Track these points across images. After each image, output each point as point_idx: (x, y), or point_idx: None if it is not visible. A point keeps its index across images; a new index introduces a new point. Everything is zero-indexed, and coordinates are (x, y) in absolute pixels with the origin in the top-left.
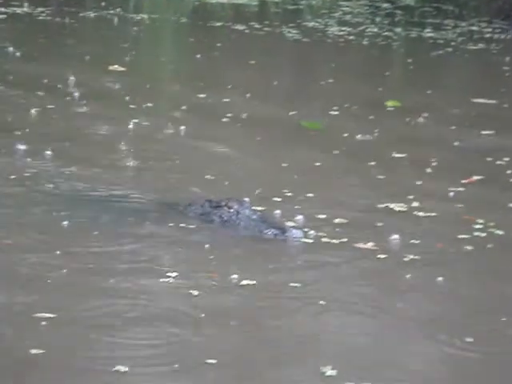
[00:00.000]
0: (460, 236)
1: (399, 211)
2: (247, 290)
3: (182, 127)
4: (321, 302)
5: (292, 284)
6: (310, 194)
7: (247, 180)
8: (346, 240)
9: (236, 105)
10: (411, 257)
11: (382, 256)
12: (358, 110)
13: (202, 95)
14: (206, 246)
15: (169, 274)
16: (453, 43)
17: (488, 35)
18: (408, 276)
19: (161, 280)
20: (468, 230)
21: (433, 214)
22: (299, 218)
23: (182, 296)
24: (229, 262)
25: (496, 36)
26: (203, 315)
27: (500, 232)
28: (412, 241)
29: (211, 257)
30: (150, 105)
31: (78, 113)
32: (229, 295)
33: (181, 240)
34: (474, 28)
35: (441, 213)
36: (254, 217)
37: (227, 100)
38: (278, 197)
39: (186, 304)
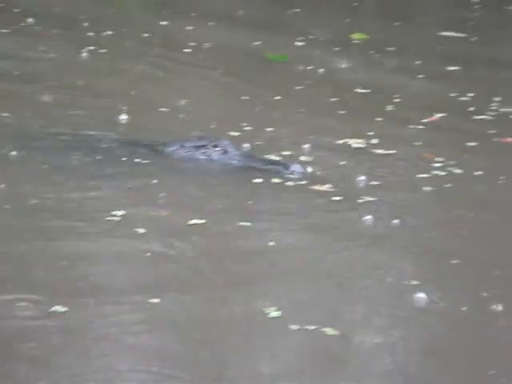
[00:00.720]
0: (419, 175)
1: (358, 148)
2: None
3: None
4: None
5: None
6: (270, 129)
7: (204, 114)
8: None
9: (199, 34)
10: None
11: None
12: (323, 41)
13: (164, 22)
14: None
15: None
16: None
17: None
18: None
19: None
20: (427, 169)
21: (392, 152)
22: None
23: None
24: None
25: None
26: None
27: (458, 171)
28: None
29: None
30: (109, 32)
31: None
32: None
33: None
34: None
35: (401, 151)
36: (243, 155)
37: (190, 28)
38: (236, 131)
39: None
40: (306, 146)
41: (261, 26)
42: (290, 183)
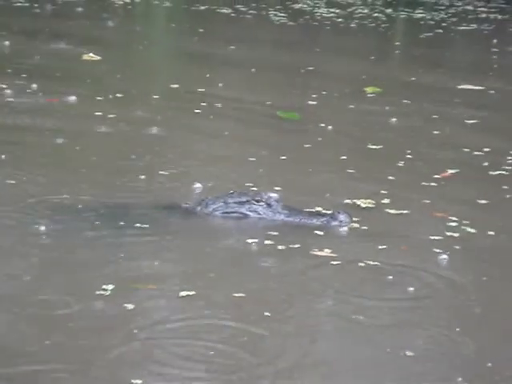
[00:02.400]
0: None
1: (367, 208)
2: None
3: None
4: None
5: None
6: (277, 188)
7: (217, 171)
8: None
9: (211, 94)
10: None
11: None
12: (337, 98)
13: (175, 85)
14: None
15: None
16: (444, 24)
17: (483, 15)
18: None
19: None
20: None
21: (404, 212)
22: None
23: None
24: None
25: (492, 16)
26: None
27: (472, 230)
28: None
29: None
30: (118, 95)
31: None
32: None
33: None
34: (469, 8)
35: (413, 211)
36: (286, 208)
37: (202, 90)
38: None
39: None
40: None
41: (273, 85)
42: None
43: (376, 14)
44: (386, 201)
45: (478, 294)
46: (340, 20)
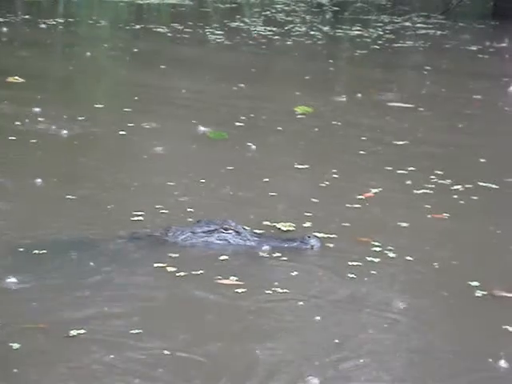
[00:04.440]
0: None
1: (287, 231)
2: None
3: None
4: None
5: None
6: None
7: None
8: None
9: (136, 116)
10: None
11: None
12: (266, 119)
13: (99, 105)
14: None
15: None
16: (380, 41)
17: (422, 31)
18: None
19: None
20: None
21: (331, 236)
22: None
23: None
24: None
25: (431, 32)
26: None
27: (392, 254)
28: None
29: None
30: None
31: None
32: None
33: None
34: (408, 24)
35: (336, 234)
36: (256, 235)
37: (128, 110)
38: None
39: None
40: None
41: (201, 105)
42: None
43: (313, 32)
44: (307, 224)
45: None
46: (276, 37)
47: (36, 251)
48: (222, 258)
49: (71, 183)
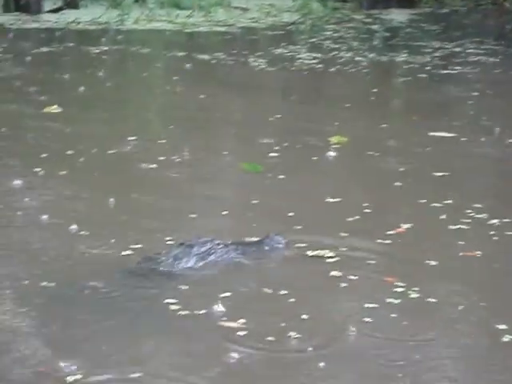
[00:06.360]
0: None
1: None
2: None
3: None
4: None
5: None
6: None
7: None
8: None
9: (169, 148)
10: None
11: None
12: (300, 149)
13: (131, 138)
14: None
15: None
16: (427, 68)
17: (474, 57)
18: None
19: None
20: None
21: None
22: None
23: None
24: None
25: (483, 58)
26: None
27: (414, 295)
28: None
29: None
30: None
31: None
32: None
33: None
34: (458, 49)
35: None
36: (230, 246)
37: (163, 141)
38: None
39: None
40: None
41: (239, 135)
42: None
43: (358, 59)
44: (332, 260)
45: None
46: (320, 65)
47: None
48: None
49: None
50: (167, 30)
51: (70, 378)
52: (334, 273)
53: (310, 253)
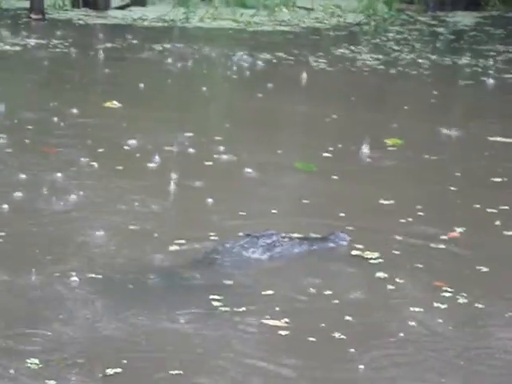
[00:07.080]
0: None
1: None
2: None
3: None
4: None
5: None
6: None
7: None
8: None
9: (227, 143)
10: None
11: None
12: (354, 150)
13: (189, 134)
14: None
15: None
16: (490, 71)
17: None
18: None
19: None
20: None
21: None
22: None
23: None
24: None
25: None
26: None
27: (462, 301)
28: None
29: None
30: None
31: None
32: None
33: None
34: None
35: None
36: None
37: (219, 138)
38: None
39: None
40: None
41: (294, 135)
42: None
43: (420, 61)
44: (379, 261)
45: None
46: (381, 67)
47: None
48: None
49: None
50: (231, 28)
51: None
52: (379, 274)
53: (359, 253)
